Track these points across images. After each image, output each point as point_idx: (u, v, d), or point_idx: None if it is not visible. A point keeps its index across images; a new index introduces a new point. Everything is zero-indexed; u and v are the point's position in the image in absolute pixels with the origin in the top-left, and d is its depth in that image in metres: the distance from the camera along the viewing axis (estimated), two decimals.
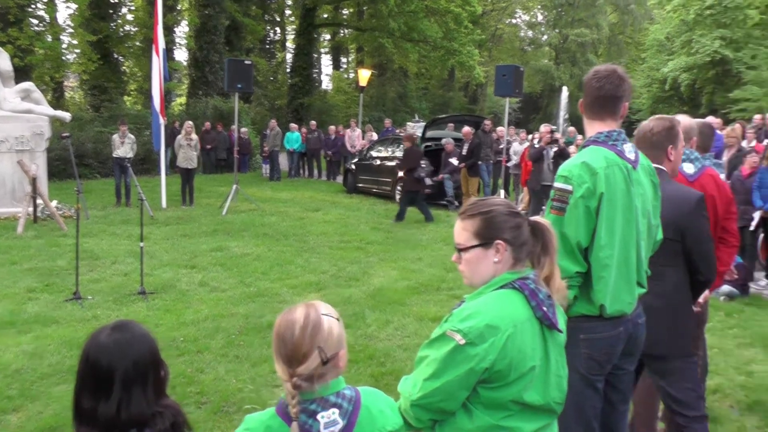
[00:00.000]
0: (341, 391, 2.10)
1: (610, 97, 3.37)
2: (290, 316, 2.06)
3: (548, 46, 63.82)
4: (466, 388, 2.26)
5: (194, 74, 33.03)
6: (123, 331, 2.15)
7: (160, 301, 8.21)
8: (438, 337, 2.30)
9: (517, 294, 2.33)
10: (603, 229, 3.17)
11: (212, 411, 5.17)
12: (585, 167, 3.16)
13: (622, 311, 3.28)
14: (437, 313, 7.65)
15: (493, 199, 2.47)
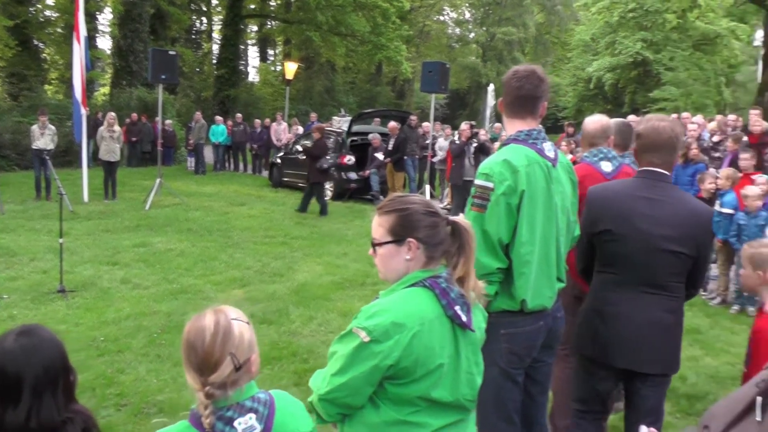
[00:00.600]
0: (256, 395, 2.10)
1: (530, 96, 3.44)
2: (199, 323, 2.04)
3: (475, 44, 64.41)
4: (371, 384, 2.28)
5: (118, 63, 32.30)
6: (30, 336, 2.11)
7: (80, 300, 8.05)
8: (346, 333, 2.32)
9: (427, 292, 2.34)
10: (524, 226, 3.24)
11: (132, 413, 5.11)
12: (506, 165, 3.22)
13: (542, 306, 3.38)
14: (361, 308, 7.68)
15: (412, 197, 2.47)
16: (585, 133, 4.69)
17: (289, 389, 5.32)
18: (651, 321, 3.49)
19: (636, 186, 3.59)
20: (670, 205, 3.48)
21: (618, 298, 3.56)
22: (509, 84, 3.47)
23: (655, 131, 3.53)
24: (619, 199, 3.57)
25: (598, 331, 3.61)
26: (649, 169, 3.56)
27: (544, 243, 3.33)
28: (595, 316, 3.65)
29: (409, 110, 35.69)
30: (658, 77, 40.09)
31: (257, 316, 7.40)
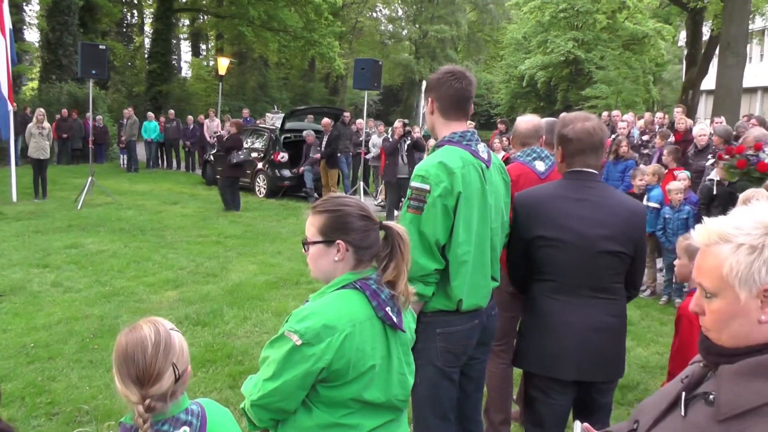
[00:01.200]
0: (189, 407, 2.11)
1: (466, 98, 3.48)
2: (138, 333, 2.02)
3: (408, 41, 64.72)
4: (303, 388, 2.29)
5: (47, 57, 31.41)
6: None
7: (8, 305, 7.86)
8: (277, 337, 2.31)
9: (357, 294, 2.36)
10: (460, 227, 3.28)
11: (64, 422, 5.03)
12: (442, 167, 3.24)
13: (478, 305, 3.45)
14: (296, 308, 7.68)
15: (346, 199, 2.48)
16: (517, 133, 4.74)
17: (224, 392, 5.42)
18: (597, 327, 3.41)
19: (567, 188, 3.51)
20: (605, 205, 3.45)
21: (560, 306, 3.45)
22: (445, 85, 3.45)
23: (588, 134, 3.47)
24: (551, 202, 3.49)
25: (542, 344, 3.48)
26: (579, 170, 3.50)
27: (479, 243, 3.38)
28: (538, 328, 3.53)
29: (343, 107, 35.71)
30: (590, 75, 41.09)
31: (191, 318, 7.39)
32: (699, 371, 1.74)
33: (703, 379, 1.71)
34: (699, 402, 1.66)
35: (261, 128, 19.79)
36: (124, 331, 2.06)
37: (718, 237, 1.61)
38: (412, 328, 2.60)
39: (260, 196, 17.76)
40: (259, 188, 17.99)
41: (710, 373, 1.70)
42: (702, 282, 1.65)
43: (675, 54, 47.90)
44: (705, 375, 1.72)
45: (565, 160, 3.56)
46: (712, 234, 1.62)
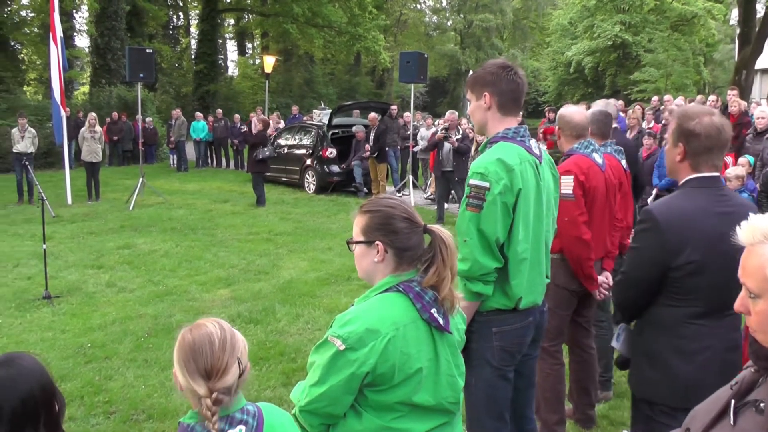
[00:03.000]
0: (245, 407, 2.09)
1: (523, 92, 3.41)
2: (203, 330, 2.04)
3: (453, 31, 64.43)
4: (350, 392, 2.28)
5: (96, 62, 32.07)
6: (9, 367, 2.05)
7: (66, 306, 8.02)
8: (322, 342, 2.31)
9: (401, 297, 2.33)
10: (520, 225, 3.23)
11: (121, 420, 5.10)
12: (501, 164, 3.19)
13: (535, 302, 3.41)
14: (347, 305, 7.58)
15: (391, 200, 2.47)
16: (573, 124, 4.59)
17: (277, 390, 5.42)
18: (730, 346, 3.06)
19: (707, 200, 3.03)
20: (739, 215, 2.72)
21: (703, 331, 3.03)
22: (504, 80, 3.35)
23: (717, 129, 3.01)
24: (699, 220, 2.98)
25: (675, 372, 3.06)
26: (710, 175, 3.06)
27: (535, 240, 3.34)
28: (673, 355, 3.07)
29: (390, 100, 35.62)
30: (638, 59, 40.43)
31: (243, 316, 7.42)
32: (750, 377, 1.66)
33: (754, 385, 1.64)
34: (749, 410, 1.59)
35: (308, 125, 19.84)
36: (186, 328, 2.08)
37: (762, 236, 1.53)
38: (461, 329, 2.56)
39: (309, 192, 17.79)
40: (309, 184, 18.03)
41: (762, 378, 1.62)
42: (746, 282, 1.58)
43: (726, 33, 46.92)
44: (756, 381, 1.64)
45: (689, 159, 3.07)
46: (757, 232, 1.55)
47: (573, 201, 4.32)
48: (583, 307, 4.67)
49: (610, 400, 5.28)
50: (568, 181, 4.32)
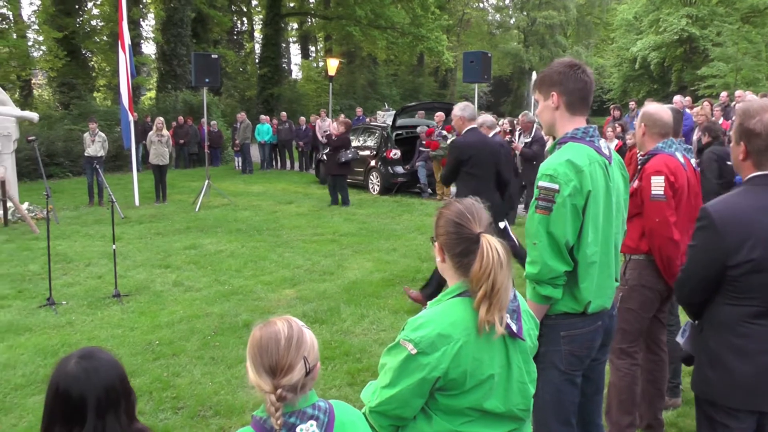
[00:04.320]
0: (316, 403, 2.10)
1: (591, 91, 3.35)
2: (271, 328, 2.06)
3: (516, 29, 63.95)
4: (420, 395, 2.29)
5: (162, 68, 32.82)
6: (90, 359, 2.14)
7: (134, 304, 8.16)
8: (394, 345, 2.34)
9: (472, 302, 2.31)
10: (589, 227, 3.17)
11: (189, 416, 5.14)
12: (570, 165, 3.13)
13: (604, 306, 3.33)
14: (412, 306, 7.66)
15: (456, 204, 2.45)
16: (662, 123, 4.43)
17: (343, 389, 5.40)
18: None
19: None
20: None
21: (762, 331, 2.93)
22: (572, 78, 3.28)
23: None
24: (758, 218, 2.89)
25: (735, 372, 2.97)
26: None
27: (604, 243, 3.27)
28: (732, 356, 2.98)
29: (453, 100, 35.43)
30: (706, 53, 39.44)
31: (309, 316, 7.42)
32: None
33: None
34: None
35: (372, 126, 19.85)
36: (258, 325, 2.11)
37: None
38: (534, 335, 2.53)
39: (374, 193, 17.80)
40: (373, 185, 18.04)
41: None
42: None
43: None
44: None
45: (751, 157, 2.97)
46: None
47: (665, 202, 4.20)
48: (662, 303, 4.54)
49: (679, 408, 5.10)
50: (659, 182, 4.20)
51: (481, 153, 7.35)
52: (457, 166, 7.42)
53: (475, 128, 7.57)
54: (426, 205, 15.51)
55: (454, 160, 7.50)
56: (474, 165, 7.31)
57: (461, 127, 7.60)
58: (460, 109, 7.60)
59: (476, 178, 7.31)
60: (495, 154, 7.48)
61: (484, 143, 7.49)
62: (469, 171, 7.34)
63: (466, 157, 7.33)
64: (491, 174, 7.43)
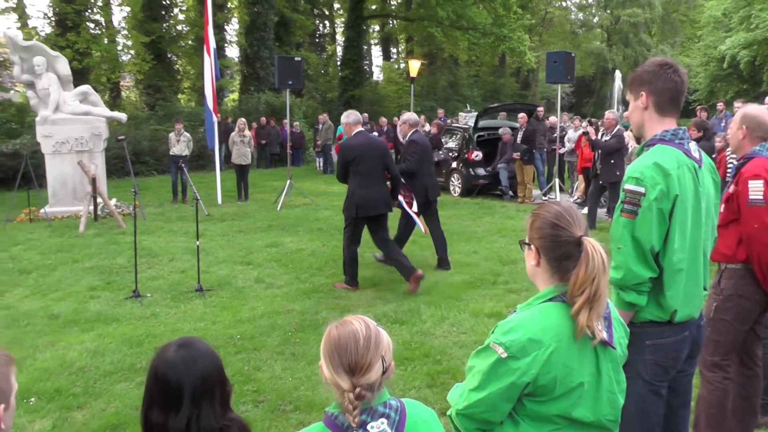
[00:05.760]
0: (388, 401, 2.10)
1: (682, 92, 3.23)
2: (349, 327, 2.07)
3: (600, 28, 62.65)
4: (509, 400, 2.26)
5: (246, 70, 33.43)
6: (189, 348, 2.21)
7: (216, 299, 8.30)
8: (483, 348, 2.30)
9: (564, 308, 2.27)
10: (676, 233, 3.07)
11: (269, 410, 5.18)
12: (657, 168, 3.04)
13: (691, 315, 3.21)
14: (493, 309, 7.58)
15: (552, 205, 2.41)
16: (764, 125, 4.27)
17: (422, 391, 5.35)
18: None
19: None
20: None
21: None
22: (662, 78, 3.18)
23: None
24: None
25: None
26: None
27: (692, 249, 3.15)
28: None
29: (535, 101, 35.08)
30: None
31: (389, 316, 7.39)
32: None
33: None
34: None
35: (454, 127, 19.76)
36: (333, 324, 2.12)
37: None
38: (624, 345, 2.45)
39: (455, 195, 17.69)
40: (454, 187, 17.93)
41: None
42: None
43: None
44: None
45: None
46: None
47: (764, 207, 4.03)
48: (759, 314, 4.35)
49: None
50: (758, 186, 4.04)
51: (367, 152, 8.47)
52: (346, 166, 8.54)
53: (361, 131, 8.77)
54: (507, 208, 15.35)
55: (342, 161, 8.69)
56: (360, 163, 8.41)
57: (349, 131, 8.81)
58: (345, 116, 8.91)
59: (363, 175, 8.43)
60: (381, 152, 8.65)
61: (369, 144, 8.62)
62: (356, 169, 8.44)
63: (351, 157, 8.47)
64: (378, 169, 8.55)
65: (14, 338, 6.94)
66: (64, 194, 14.90)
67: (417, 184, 9.67)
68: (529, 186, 16.49)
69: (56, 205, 14.73)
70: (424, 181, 9.73)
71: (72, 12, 26.79)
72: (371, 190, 8.44)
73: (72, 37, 26.16)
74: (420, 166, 9.69)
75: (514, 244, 10.98)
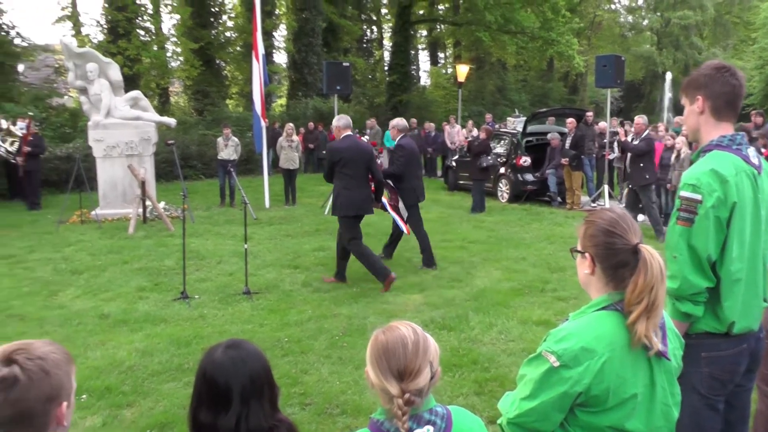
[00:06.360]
0: (434, 408, 2.08)
1: (740, 96, 3.12)
2: (397, 332, 2.05)
3: (649, 31, 61.50)
4: (560, 410, 2.21)
5: (293, 76, 33.70)
6: (237, 349, 2.24)
7: (264, 301, 8.34)
8: (535, 356, 2.27)
9: (618, 317, 2.22)
10: (734, 241, 2.97)
11: (316, 412, 5.18)
12: (714, 175, 2.95)
13: (749, 328, 3.10)
14: (541, 317, 7.50)
15: (606, 212, 2.35)
16: None
17: (469, 398, 5.29)
18: None
19: None
20: None
21: None
22: (719, 82, 3.09)
23: None
24: None
25: None
26: None
27: (751, 259, 3.04)
28: None
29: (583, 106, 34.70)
30: None
31: (437, 322, 7.34)
32: None
33: None
34: None
35: (502, 132, 19.64)
36: (380, 330, 2.12)
37: None
38: (679, 356, 2.38)
39: (503, 200, 17.57)
40: (502, 193, 17.81)
41: None
42: None
43: None
44: None
45: None
46: None
47: None
48: None
49: None
50: None
51: (352, 156, 8.95)
52: (332, 167, 9.08)
53: (349, 135, 9.26)
54: (555, 214, 15.20)
55: (328, 162, 9.22)
56: (345, 165, 8.93)
57: (338, 134, 9.30)
58: (337, 120, 9.41)
59: (348, 176, 8.94)
60: (365, 157, 9.11)
61: (354, 147, 9.10)
62: (341, 170, 8.94)
63: (337, 158, 8.99)
64: (362, 172, 9.03)
65: (66, 336, 7.07)
66: (114, 197, 15.14)
67: (405, 187, 10.23)
68: (578, 192, 16.31)
69: (106, 207, 14.99)
70: (412, 183, 10.27)
71: (123, 20, 27.33)
72: (355, 191, 8.94)
73: (123, 44, 26.65)
74: (407, 170, 10.21)
75: (562, 251, 10.88)
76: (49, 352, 1.91)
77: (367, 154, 9.22)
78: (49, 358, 1.89)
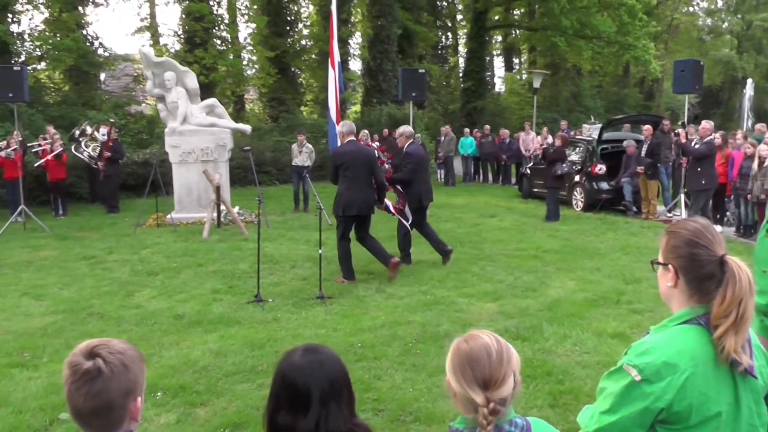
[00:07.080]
0: (513, 419, 2.07)
1: None
2: (480, 341, 2.05)
3: (729, 34, 59.50)
4: (641, 426, 2.13)
5: (368, 83, 33.87)
6: (315, 353, 2.23)
7: (337, 306, 8.40)
8: (616, 369, 2.19)
9: (701, 331, 2.14)
10: None
11: (389, 419, 5.17)
12: None
13: None
14: (616, 329, 7.34)
15: (689, 222, 2.26)
16: None
17: (544, 410, 5.23)
18: None
19: None
20: None
21: None
22: None
23: None
24: None
25: None
26: None
27: None
28: None
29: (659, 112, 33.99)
30: None
31: (511, 332, 7.25)
32: None
33: None
34: None
35: (577, 140, 19.39)
36: (461, 338, 2.10)
37: None
38: (765, 375, 2.26)
39: (577, 209, 17.32)
40: (576, 202, 17.57)
41: None
42: None
43: None
44: None
45: None
46: None
47: None
48: None
49: None
50: None
51: (354, 160, 9.49)
52: (336, 170, 9.61)
53: (353, 140, 9.82)
54: (631, 224, 14.90)
55: (332, 165, 9.77)
56: (347, 168, 9.46)
57: (342, 139, 9.93)
58: (340, 126, 10.06)
59: (349, 179, 9.46)
60: (368, 161, 9.64)
61: (357, 151, 9.64)
62: (344, 173, 9.49)
63: (340, 162, 9.55)
64: (365, 175, 9.56)
65: (142, 335, 7.28)
66: (189, 201, 15.49)
67: (412, 192, 10.78)
68: (654, 202, 15.98)
69: (182, 211, 15.35)
70: (419, 189, 10.83)
71: (200, 29, 27.94)
72: (356, 193, 9.45)
73: (200, 53, 27.22)
74: (415, 176, 10.79)
75: (637, 262, 10.65)
76: (127, 348, 2.02)
77: (370, 158, 9.73)
78: (128, 354, 2.00)
